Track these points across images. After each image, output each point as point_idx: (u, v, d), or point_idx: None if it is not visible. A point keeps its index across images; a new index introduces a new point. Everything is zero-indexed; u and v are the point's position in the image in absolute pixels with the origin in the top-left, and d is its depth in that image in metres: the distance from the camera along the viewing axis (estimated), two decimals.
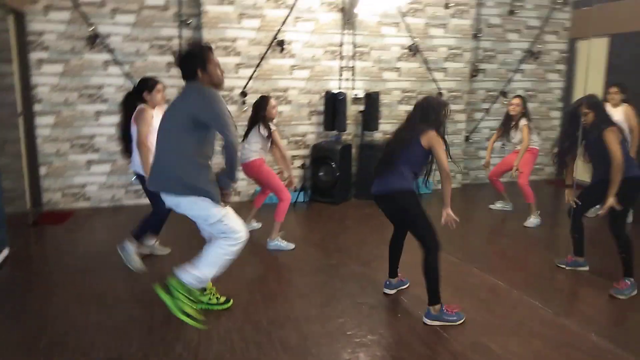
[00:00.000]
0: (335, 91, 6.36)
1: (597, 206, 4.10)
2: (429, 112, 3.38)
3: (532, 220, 5.53)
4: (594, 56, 7.17)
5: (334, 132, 6.47)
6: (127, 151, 4.21)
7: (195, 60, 2.95)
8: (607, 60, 6.99)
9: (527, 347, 3.00)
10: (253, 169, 4.67)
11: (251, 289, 3.80)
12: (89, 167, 6.00)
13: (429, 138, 3.30)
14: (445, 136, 3.41)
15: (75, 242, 4.87)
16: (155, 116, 3.96)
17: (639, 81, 6.02)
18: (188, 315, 2.91)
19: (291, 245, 4.65)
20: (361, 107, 6.60)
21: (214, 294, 3.43)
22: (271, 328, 3.20)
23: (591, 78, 6.99)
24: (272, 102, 4.71)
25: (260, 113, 4.65)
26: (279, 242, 4.64)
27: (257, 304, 3.54)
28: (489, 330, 3.21)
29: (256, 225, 5.20)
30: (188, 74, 2.99)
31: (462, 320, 3.30)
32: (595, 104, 3.99)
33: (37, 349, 2.92)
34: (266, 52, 6.20)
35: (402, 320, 3.37)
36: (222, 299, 3.45)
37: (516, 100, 5.62)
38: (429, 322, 3.28)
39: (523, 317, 3.39)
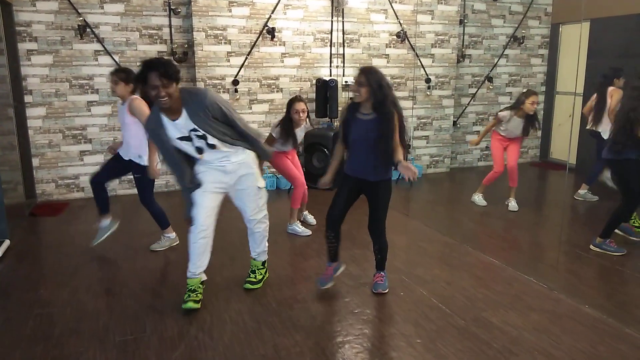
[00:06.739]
0: (327, 78, 6.42)
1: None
2: None
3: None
4: (575, 41, 7.35)
5: (326, 119, 6.54)
6: None
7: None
8: (588, 44, 7.18)
9: (527, 320, 3.15)
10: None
11: None
12: (82, 158, 5.98)
13: None
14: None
15: (73, 233, 4.87)
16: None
17: (617, 65, 6.20)
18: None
19: (307, 232, 4.79)
20: (351, 94, 6.66)
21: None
22: (281, 309, 3.30)
23: (573, 62, 7.18)
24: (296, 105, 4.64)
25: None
26: (296, 227, 4.81)
27: (264, 287, 3.63)
28: (489, 306, 3.35)
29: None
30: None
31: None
32: None
33: (52, 337, 2.97)
34: (257, 40, 6.23)
35: (405, 298, 3.49)
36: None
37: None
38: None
39: (520, 292, 3.55)
